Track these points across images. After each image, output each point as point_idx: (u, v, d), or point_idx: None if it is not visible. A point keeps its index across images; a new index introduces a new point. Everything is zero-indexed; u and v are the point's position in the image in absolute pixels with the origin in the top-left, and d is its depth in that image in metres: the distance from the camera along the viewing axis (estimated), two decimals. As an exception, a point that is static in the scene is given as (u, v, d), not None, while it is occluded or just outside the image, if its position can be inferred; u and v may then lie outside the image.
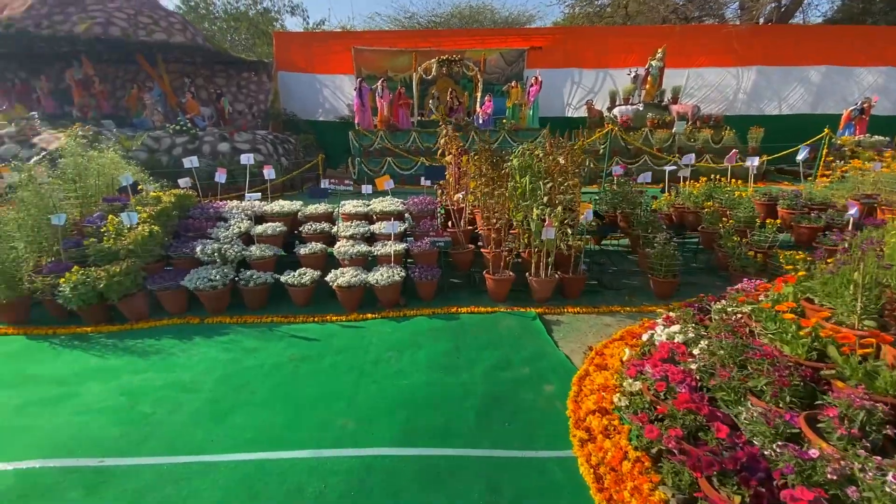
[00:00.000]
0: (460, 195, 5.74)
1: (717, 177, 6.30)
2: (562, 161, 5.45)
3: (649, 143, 13.73)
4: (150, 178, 7.44)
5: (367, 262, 5.35)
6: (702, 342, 3.15)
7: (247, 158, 6.30)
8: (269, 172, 6.29)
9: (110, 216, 5.21)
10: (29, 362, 4.06)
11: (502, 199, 5.21)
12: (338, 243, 5.35)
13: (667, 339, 3.37)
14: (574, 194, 5.20)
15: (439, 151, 6.25)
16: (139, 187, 5.92)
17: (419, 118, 15.54)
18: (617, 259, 6.20)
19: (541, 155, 5.62)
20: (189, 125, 13.40)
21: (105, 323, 4.79)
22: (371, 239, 5.68)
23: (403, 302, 5.04)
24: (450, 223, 5.84)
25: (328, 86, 17.30)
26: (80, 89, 15.09)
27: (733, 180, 6.39)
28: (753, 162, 6.59)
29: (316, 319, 4.73)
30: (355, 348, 4.14)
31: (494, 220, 5.15)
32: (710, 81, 15.57)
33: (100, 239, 5.14)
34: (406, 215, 6.06)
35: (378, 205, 5.96)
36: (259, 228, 5.44)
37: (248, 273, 4.99)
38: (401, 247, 5.22)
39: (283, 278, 4.97)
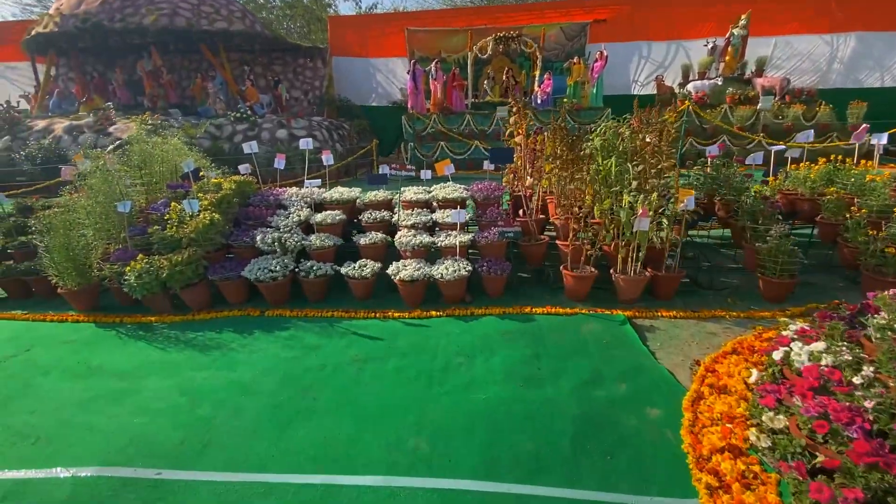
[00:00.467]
0: (532, 180, 5.15)
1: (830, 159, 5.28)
2: (651, 140, 4.73)
3: (729, 122, 12.34)
4: (212, 164, 7.37)
5: (429, 254, 4.92)
6: (865, 368, 2.45)
7: (305, 143, 6.01)
8: (327, 158, 5.98)
9: (172, 203, 5.08)
10: (95, 352, 3.97)
11: (583, 185, 4.58)
12: (399, 233, 4.94)
13: (810, 360, 2.68)
14: (670, 179, 4.47)
15: (507, 131, 5.66)
16: (200, 174, 5.79)
17: (473, 100, 14.88)
18: (709, 253, 5.39)
19: (627, 134, 4.91)
20: (249, 113, 13.51)
21: (169, 312, 4.68)
22: (433, 228, 5.23)
23: (469, 298, 4.57)
24: (519, 211, 5.27)
25: (381, 70, 16.95)
26: (150, 80, 15.64)
27: (861, 162, 5.34)
28: (881, 139, 5.49)
29: (377, 315, 4.37)
30: (421, 350, 3.73)
31: (577, 209, 4.52)
32: (801, 50, 13.73)
33: (163, 226, 5.03)
34: (469, 202, 5.56)
35: (440, 191, 5.48)
36: (318, 217, 5.13)
37: (309, 264, 4.69)
38: (466, 237, 4.74)
39: (343, 270, 4.64)
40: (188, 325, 4.39)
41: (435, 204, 5.50)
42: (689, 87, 13.17)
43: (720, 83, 12.83)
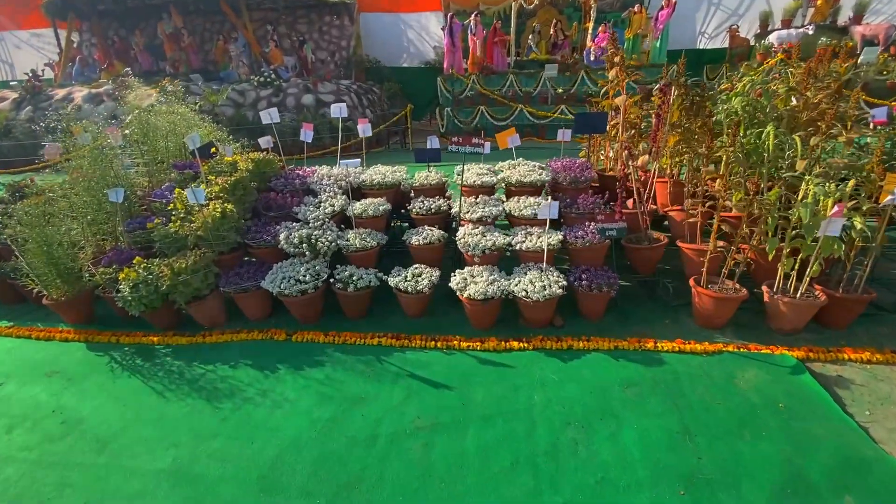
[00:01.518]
0: (646, 158, 3.76)
1: None
2: (818, 100, 3.29)
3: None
4: (230, 137, 6.19)
5: (501, 258, 3.67)
6: None
7: (337, 111, 4.73)
8: (364, 129, 4.69)
9: (177, 190, 3.95)
10: (79, 394, 2.96)
11: (728, 165, 3.19)
12: (462, 230, 3.69)
13: None
14: (859, 157, 3.03)
15: (602, 90, 4.22)
16: (213, 150, 4.61)
17: (516, 58, 13.08)
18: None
19: (781, 91, 3.45)
20: (273, 76, 12.19)
21: (174, 329, 3.64)
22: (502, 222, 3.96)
23: (560, 322, 3.34)
24: (615, 201, 3.92)
25: (413, 26, 15.19)
26: (170, 43, 14.42)
27: None
28: None
29: (439, 344, 3.20)
30: (511, 412, 2.55)
31: (722, 198, 3.12)
32: (913, -10, 11.28)
33: (167, 219, 3.93)
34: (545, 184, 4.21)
35: (510, 172, 4.15)
36: (358, 207, 3.91)
37: (347, 272, 3.52)
38: (556, 238, 3.45)
39: (391, 281, 3.46)
40: (197, 351, 3.34)
41: (507, 189, 4.19)
42: (772, 37, 11.06)
43: (811, 32, 10.66)
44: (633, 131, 4.27)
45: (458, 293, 3.29)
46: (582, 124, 4.21)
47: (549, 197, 3.91)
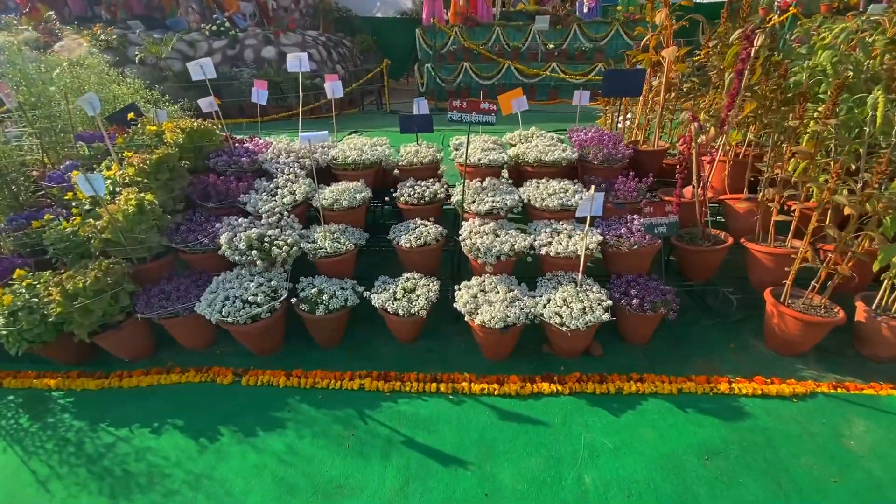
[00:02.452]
0: (713, 132, 2.85)
1: None
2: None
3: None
4: (166, 98, 4.95)
5: (518, 262, 2.78)
6: None
7: (296, 62, 3.57)
8: (334, 87, 3.57)
9: (74, 173, 2.83)
10: (-78, 484, 2.00)
11: (816, 142, 2.34)
12: (466, 226, 2.76)
13: None
14: None
15: (643, 40, 3.24)
16: (130, 117, 3.43)
17: (501, 9, 11.69)
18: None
19: (879, 45, 2.59)
20: (227, 25, 10.48)
21: (83, 364, 2.67)
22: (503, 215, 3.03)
23: (599, 353, 2.53)
24: (652, 185, 3.05)
25: (387, -31, 13.37)
26: (104, -17, 12.26)
27: None
28: None
29: (443, 387, 2.35)
30: (555, 501, 1.77)
31: (814, 186, 2.28)
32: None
33: (68, 211, 2.87)
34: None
35: (524, 147, 3.19)
36: (328, 195, 2.90)
37: (315, 288, 2.57)
38: (595, 239, 2.57)
39: (376, 300, 2.53)
40: (109, 402, 2.39)
41: (522, 168, 3.24)
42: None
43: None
44: (672, 94, 3.35)
45: (466, 316, 2.42)
46: (613, 84, 3.25)
47: (585, 184, 2.99)
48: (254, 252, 2.57)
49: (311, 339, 2.71)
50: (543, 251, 2.57)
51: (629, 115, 4.34)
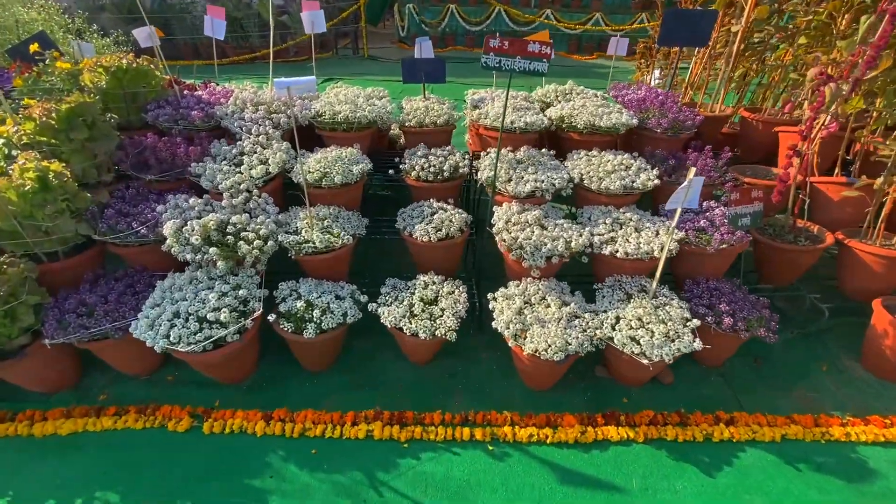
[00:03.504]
0: (832, 103, 2.19)
1: None
2: None
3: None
4: (94, 29, 3.87)
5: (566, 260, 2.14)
6: None
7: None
8: (313, 19, 2.66)
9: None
10: None
11: None
12: (499, 212, 2.07)
13: None
14: None
15: None
16: (32, 49, 2.45)
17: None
18: None
19: None
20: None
21: (-20, 398, 1.92)
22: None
23: (670, 380, 1.98)
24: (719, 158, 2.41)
25: None
26: None
27: None
28: None
29: (479, 434, 1.75)
30: None
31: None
32: None
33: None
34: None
35: (572, 108, 2.46)
36: (314, 166, 2.12)
37: (301, 301, 1.86)
38: (675, 238, 1.93)
39: (386, 316, 1.86)
40: (10, 465, 1.68)
41: (562, 133, 2.52)
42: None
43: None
44: (740, 45, 2.65)
45: (511, 341, 1.79)
46: (674, 29, 2.53)
47: (649, 160, 2.31)
48: (213, 250, 1.81)
49: (294, 359, 2.03)
50: (606, 250, 1.93)
51: (658, 71, 3.65)
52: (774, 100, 2.81)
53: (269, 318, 1.81)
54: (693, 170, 1.65)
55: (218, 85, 2.90)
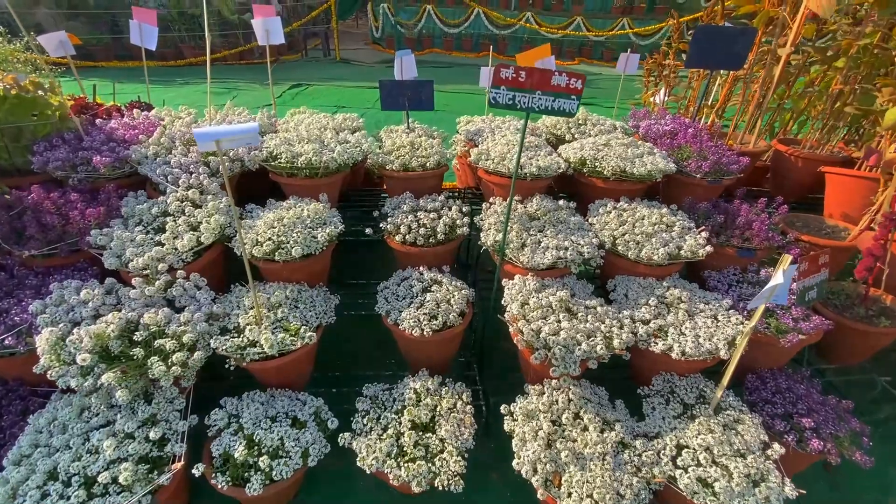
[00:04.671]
0: None
1: None
2: None
3: None
4: (33, 26, 3.11)
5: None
6: None
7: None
8: (268, 26, 2.08)
9: None
10: None
11: None
12: (510, 288, 1.56)
13: None
14: None
15: None
16: None
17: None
18: None
19: None
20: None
21: None
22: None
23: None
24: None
25: None
26: None
27: None
28: None
29: None
30: None
31: None
32: None
33: None
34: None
35: (603, 154, 1.96)
36: (263, 235, 1.55)
37: (239, 441, 1.30)
38: (745, 327, 1.47)
39: (364, 455, 1.31)
40: None
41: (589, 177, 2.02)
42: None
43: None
44: (783, 69, 2.23)
45: (541, 491, 1.28)
46: (706, 49, 2.08)
47: (687, 211, 1.84)
48: (107, 376, 1.22)
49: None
50: (657, 347, 1.45)
51: (664, 90, 3.21)
52: (816, 131, 2.40)
53: (195, 469, 1.24)
54: (787, 258, 1.19)
55: (156, 109, 2.27)
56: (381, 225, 1.77)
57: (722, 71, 2.50)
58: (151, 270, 1.45)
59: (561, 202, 1.81)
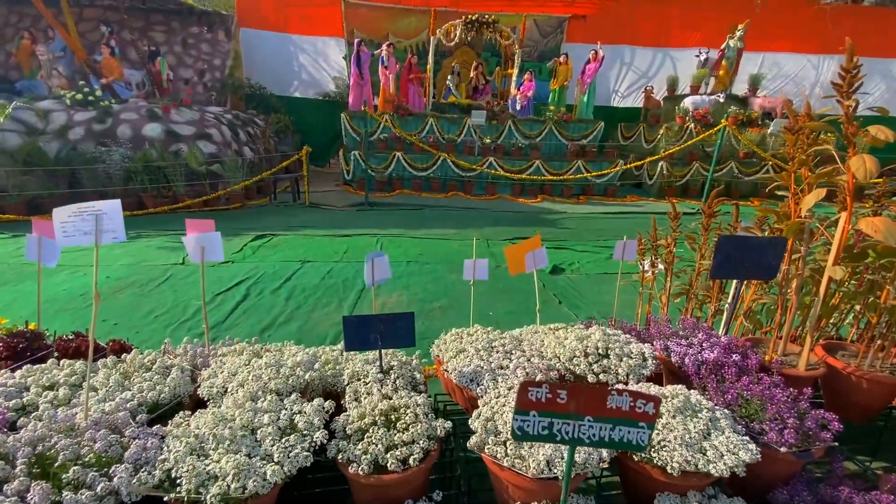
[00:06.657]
0: None
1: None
2: None
3: (734, 148, 9.83)
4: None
5: None
6: None
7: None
8: (203, 245, 1.59)
9: None
10: None
11: None
12: None
13: None
14: None
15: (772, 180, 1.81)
16: None
17: (433, 100, 10.75)
18: None
19: None
20: (98, 94, 7.95)
21: None
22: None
23: None
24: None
25: (307, 50, 12.00)
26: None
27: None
28: None
29: None
30: None
31: None
32: (788, 71, 11.74)
33: None
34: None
35: (666, 440, 1.45)
36: None
37: None
38: None
39: None
40: None
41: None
42: (688, 102, 10.42)
43: (722, 100, 10.24)
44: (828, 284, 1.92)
45: None
46: (730, 260, 1.75)
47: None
48: None
49: None
50: None
51: (648, 261, 2.91)
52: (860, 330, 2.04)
53: None
54: None
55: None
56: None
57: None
58: None
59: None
